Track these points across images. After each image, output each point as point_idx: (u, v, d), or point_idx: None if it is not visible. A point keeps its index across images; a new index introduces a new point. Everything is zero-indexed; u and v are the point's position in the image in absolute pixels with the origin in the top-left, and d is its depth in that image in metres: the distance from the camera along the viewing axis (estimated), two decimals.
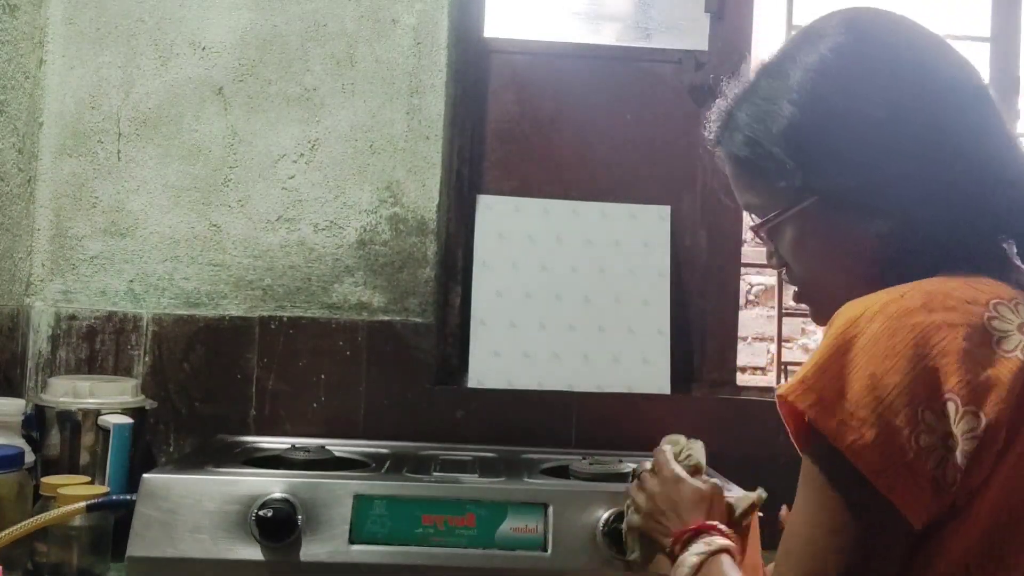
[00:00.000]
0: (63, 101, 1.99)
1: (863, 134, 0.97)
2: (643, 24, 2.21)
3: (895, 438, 0.81)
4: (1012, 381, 0.82)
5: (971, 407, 0.82)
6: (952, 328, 0.84)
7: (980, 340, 0.84)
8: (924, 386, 0.82)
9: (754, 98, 1.06)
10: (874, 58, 1.00)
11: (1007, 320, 0.86)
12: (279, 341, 1.97)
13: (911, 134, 0.96)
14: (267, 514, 1.39)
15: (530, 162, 2.18)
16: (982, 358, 0.83)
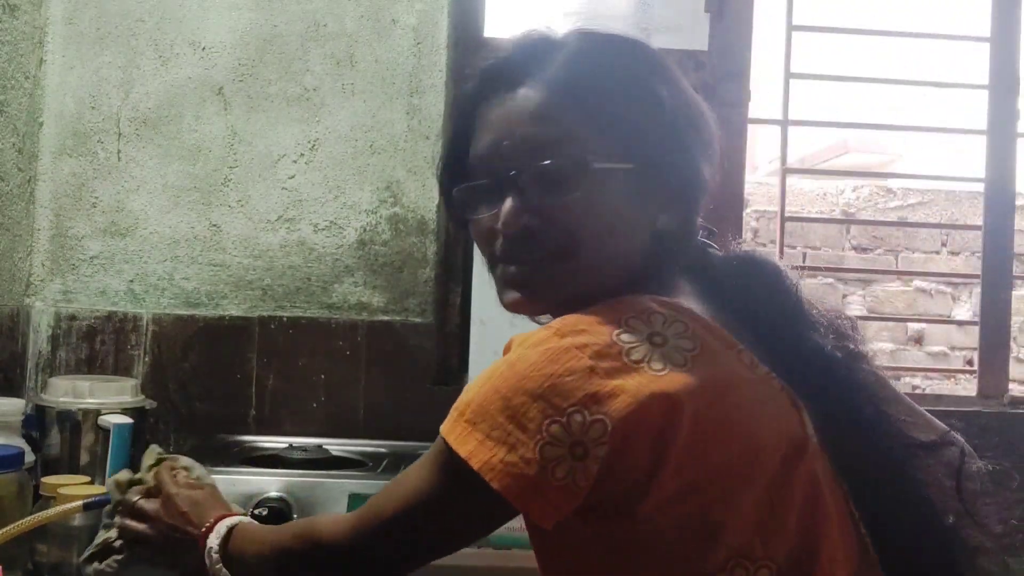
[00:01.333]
0: (63, 101, 2.00)
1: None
2: (643, 24, 2.21)
3: (523, 453, 0.86)
4: (637, 387, 0.85)
5: (598, 416, 0.84)
6: (580, 348, 0.87)
7: (608, 355, 0.87)
8: (549, 403, 0.86)
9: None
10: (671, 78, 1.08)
11: (638, 331, 0.89)
12: (279, 341, 1.98)
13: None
14: (262, 513, 1.39)
15: None
16: (610, 371, 0.86)
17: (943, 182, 4.22)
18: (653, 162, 1.00)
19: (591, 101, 1.01)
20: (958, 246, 4.09)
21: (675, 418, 0.85)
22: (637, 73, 1.05)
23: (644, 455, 0.86)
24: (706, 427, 0.86)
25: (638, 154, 1.00)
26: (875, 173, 4.96)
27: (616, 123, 1.01)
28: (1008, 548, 1.92)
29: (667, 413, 0.85)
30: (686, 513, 0.88)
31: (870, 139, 5.24)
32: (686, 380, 0.86)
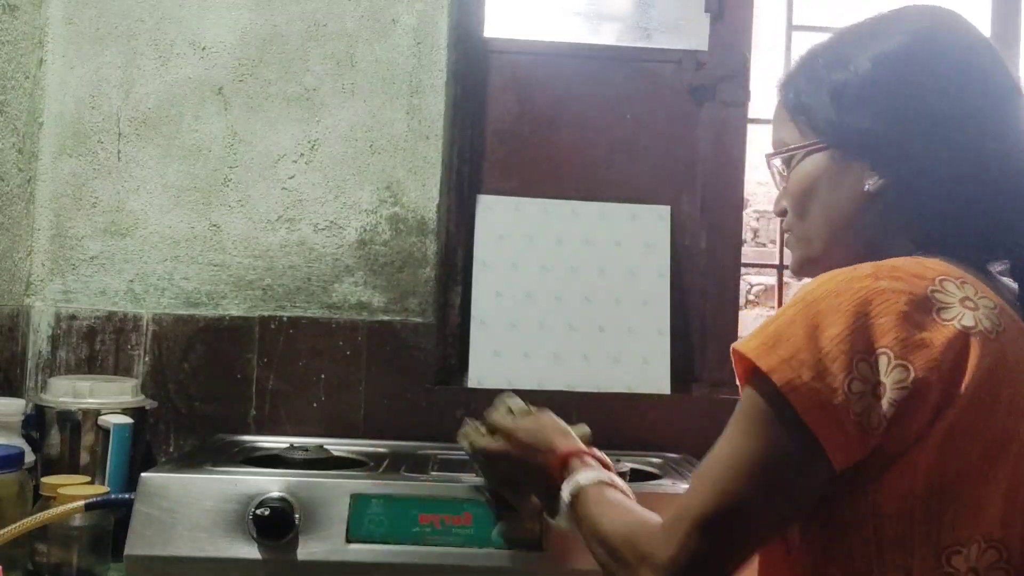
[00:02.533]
0: (63, 101, 2.00)
1: (898, 111, 1.05)
2: (643, 24, 2.21)
3: (829, 382, 0.88)
4: (945, 345, 0.89)
5: (902, 361, 0.88)
6: (895, 293, 0.91)
7: (920, 307, 0.91)
8: (861, 340, 0.89)
9: (830, 54, 1.13)
10: (937, 57, 1.07)
11: (951, 294, 0.92)
12: (279, 341, 1.98)
13: (942, 124, 1.03)
14: (264, 513, 1.39)
15: (530, 162, 2.17)
16: (920, 322, 0.90)
17: None
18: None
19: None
20: None
21: (964, 369, 0.89)
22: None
23: (931, 406, 0.89)
24: (987, 393, 0.89)
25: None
26: None
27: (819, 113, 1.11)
28: None
29: (962, 362, 0.89)
30: (941, 473, 0.90)
31: None
32: (989, 343, 0.90)
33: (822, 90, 1.10)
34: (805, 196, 1.13)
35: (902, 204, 1.06)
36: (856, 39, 1.12)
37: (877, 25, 1.13)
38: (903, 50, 1.07)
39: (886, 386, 0.88)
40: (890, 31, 1.10)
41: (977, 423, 0.90)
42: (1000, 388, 0.91)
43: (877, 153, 1.06)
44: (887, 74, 1.06)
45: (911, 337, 0.89)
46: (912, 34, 1.09)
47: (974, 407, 0.89)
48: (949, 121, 1.03)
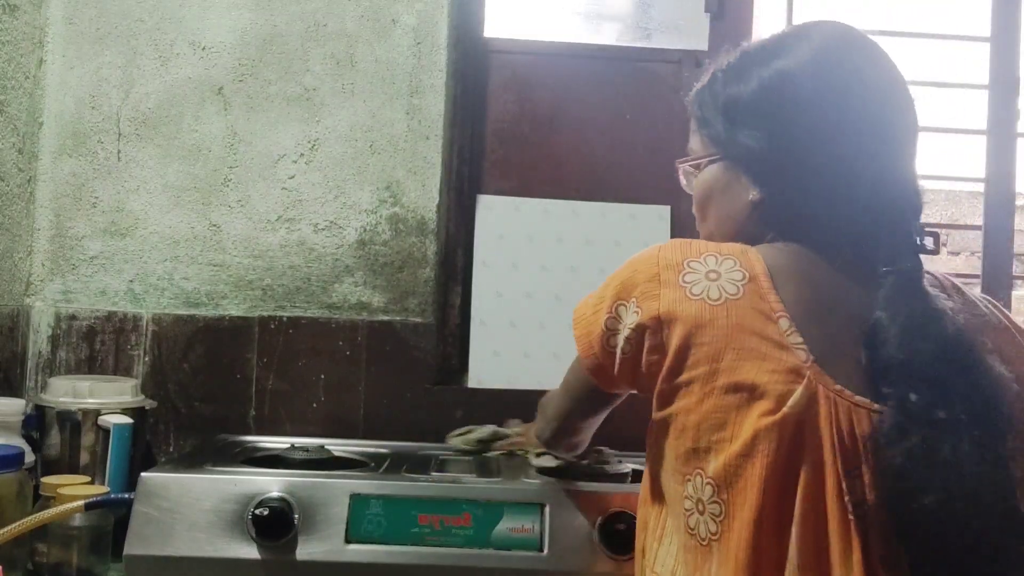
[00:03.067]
0: (63, 101, 2.00)
1: (777, 130, 1.14)
2: (643, 24, 2.21)
3: (596, 315, 1.15)
4: (670, 301, 1.07)
5: (636, 308, 1.09)
6: (659, 260, 1.11)
7: (671, 270, 1.09)
8: (624, 289, 1.12)
9: (729, 70, 1.21)
10: (822, 78, 1.13)
11: (704, 266, 1.08)
12: (279, 341, 1.98)
13: (819, 143, 1.12)
14: (263, 513, 1.39)
15: (530, 162, 2.17)
16: (665, 281, 1.09)
17: (943, 182, 4.22)
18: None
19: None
20: (958, 246, 4.09)
21: (671, 334, 1.06)
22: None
23: (652, 356, 1.08)
24: (692, 352, 1.05)
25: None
26: None
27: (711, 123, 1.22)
28: None
29: (666, 329, 1.07)
30: (672, 416, 1.08)
31: None
32: (701, 309, 1.05)
33: (718, 105, 1.20)
34: (704, 202, 1.25)
35: (780, 214, 1.15)
36: (752, 57, 1.19)
37: (775, 43, 1.19)
38: (789, 71, 1.14)
39: (625, 324, 1.10)
40: (783, 51, 1.16)
41: (682, 366, 1.06)
42: (702, 332, 1.05)
43: (758, 168, 1.16)
44: (771, 94, 1.14)
45: (650, 292, 1.08)
46: (801, 55, 1.14)
47: (680, 353, 1.05)
48: (826, 142, 1.11)
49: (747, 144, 1.15)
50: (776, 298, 1.05)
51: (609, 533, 1.42)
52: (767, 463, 1.00)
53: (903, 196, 1.12)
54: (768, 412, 1.01)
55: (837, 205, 1.11)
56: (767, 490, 1.00)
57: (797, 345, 1.02)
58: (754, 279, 1.07)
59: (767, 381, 1.01)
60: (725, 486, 1.03)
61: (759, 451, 1.00)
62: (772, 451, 1.00)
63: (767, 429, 1.00)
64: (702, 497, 1.05)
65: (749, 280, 1.07)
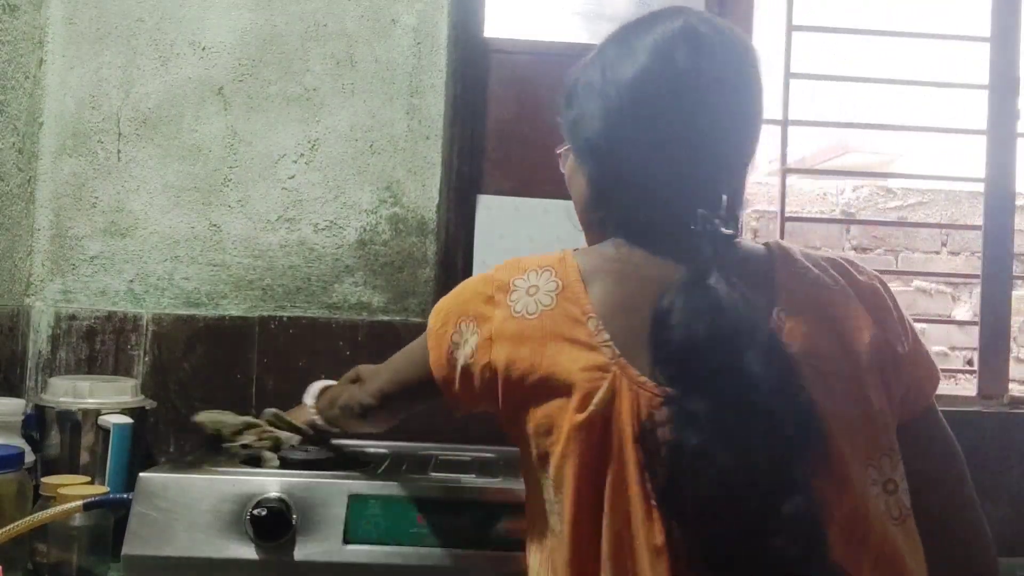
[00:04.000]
0: (63, 101, 2.00)
1: (602, 113, 1.18)
2: None
3: (445, 330, 1.21)
4: (500, 319, 1.14)
5: (476, 328, 1.16)
6: (492, 281, 1.18)
7: (500, 290, 1.16)
8: (468, 309, 1.18)
9: (579, 64, 1.29)
10: (632, 53, 1.17)
11: (525, 282, 1.15)
12: (279, 341, 1.98)
13: (632, 136, 1.16)
14: (261, 513, 1.39)
15: (530, 162, 2.17)
16: (496, 301, 1.15)
17: (943, 182, 4.22)
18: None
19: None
20: (958, 246, 4.09)
21: (499, 353, 1.13)
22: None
23: (486, 374, 1.14)
24: (517, 365, 1.11)
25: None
26: (875, 173, 4.97)
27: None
28: (1009, 550, 1.92)
29: (495, 348, 1.13)
30: (512, 425, 1.15)
31: (870, 139, 5.24)
32: (520, 326, 1.12)
33: (569, 95, 1.27)
34: (568, 189, 1.33)
35: (606, 206, 1.23)
36: (599, 49, 1.24)
37: (618, 34, 1.23)
38: (616, 63, 1.18)
39: (468, 342, 1.16)
40: (619, 41, 1.20)
41: (510, 380, 1.12)
42: (523, 347, 1.11)
43: (587, 159, 1.23)
44: (594, 88, 1.20)
45: (485, 313, 1.15)
46: (635, 53, 1.17)
47: (508, 369, 1.11)
48: (642, 141, 1.15)
49: (583, 137, 1.21)
50: (587, 300, 1.11)
51: None
52: (578, 462, 1.06)
53: (715, 191, 1.15)
54: (578, 410, 1.06)
55: (650, 201, 1.16)
56: (580, 488, 1.06)
57: (604, 343, 1.08)
58: (567, 287, 1.13)
59: (578, 381, 1.07)
60: (558, 486, 1.08)
61: (571, 450, 1.06)
62: (583, 450, 1.05)
63: (577, 428, 1.06)
64: (551, 497, 1.10)
65: (562, 289, 1.13)
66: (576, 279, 1.13)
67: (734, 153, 1.18)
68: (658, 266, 1.13)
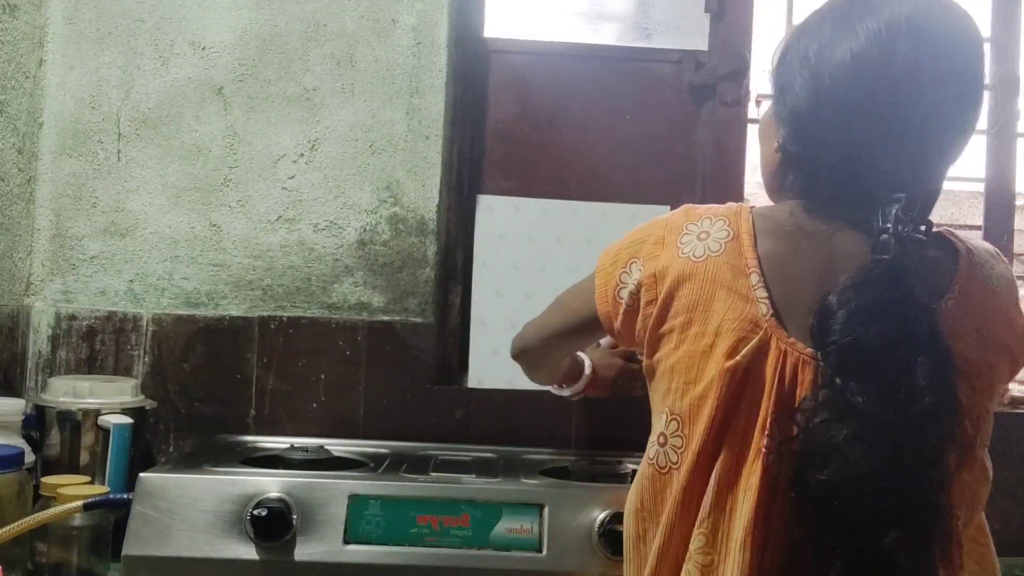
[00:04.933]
0: (63, 101, 2.00)
1: (810, 89, 1.17)
2: (643, 24, 2.21)
3: (612, 269, 1.26)
4: (667, 259, 1.18)
5: (641, 265, 1.21)
6: (665, 224, 1.23)
7: (672, 232, 1.20)
8: (638, 250, 1.23)
9: (796, 29, 1.25)
10: (852, 35, 1.14)
11: (698, 227, 1.19)
12: (279, 341, 1.98)
13: (830, 110, 1.15)
14: (262, 514, 1.39)
15: (530, 162, 2.17)
16: (667, 242, 1.20)
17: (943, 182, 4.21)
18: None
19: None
20: None
21: (661, 288, 1.17)
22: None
23: (648, 310, 1.19)
24: (675, 303, 1.16)
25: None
26: None
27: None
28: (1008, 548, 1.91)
29: (659, 284, 1.18)
30: (657, 362, 1.19)
31: None
32: (685, 265, 1.16)
33: (777, 62, 1.25)
34: (759, 141, 1.34)
35: (794, 168, 1.21)
36: (819, 20, 1.20)
37: (841, 7, 1.19)
38: (833, 43, 1.15)
39: (632, 279, 1.21)
40: (840, 19, 1.16)
41: (666, 316, 1.17)
42: (684, 287, 1.15)
43: (786, 125, 1.21)
44: (808, 63, 1.17)
45: (654, 253, 1.20)
46: (851, 28, 1.14)
47: (665, 304, 1.17)
48: (855, 119, 1.13)
49: (787, 104, 1.20)
50: (753, 254, 1.14)
51: (608, 534, 1.43)
52: (716, 405, 1.11)
53: (912, 188, 1.12)
54: (727, 356, 1.11)
55: (839, 179, 1.15)
56: (711, 427, 1.12)
57: (762, 299, 1.12)
58: (737, 237, 1.16)
59: (729, 330, 1.11)
60: (688, 421, 1.14)
61: (712, 392, 1.11)
62: (723, 394, 1.11)
63: (722, 373, 1.10)
64: (666, 431, 1.17)
65: (732, 238, 1.16)
66: (748, 232, 1.16)
67: (937, 154, 1.16)
68: (829, 239, 1.14)
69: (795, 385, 1.09)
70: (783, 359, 1.09)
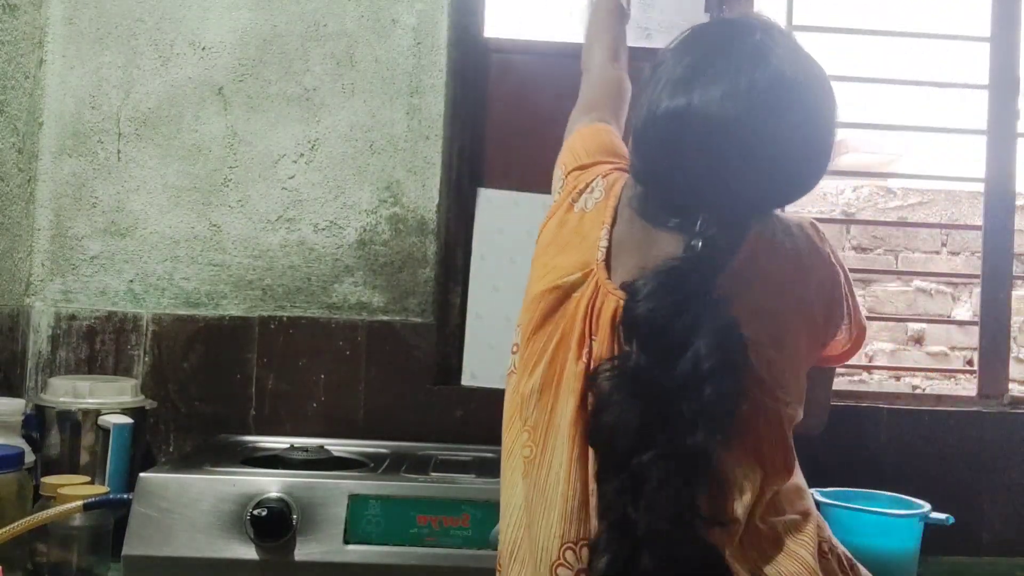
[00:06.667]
0: (63, 101, 2.00)
1: (645, 111, 1.23)
2: (643, 24, 2.21)
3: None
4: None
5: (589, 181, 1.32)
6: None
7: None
8: (600, 173, 1.33)
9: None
10: (691, 90, 1.18)
11: (594, 174, 1.31)
12: (279, 341, 1.98)
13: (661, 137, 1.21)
14: (262, 513, 1.39)
15: (530, 162, 2.17)
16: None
17: (943, 182, 4.22)
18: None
19: None
20: (958, 246, 4.09)
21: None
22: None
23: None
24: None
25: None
26: (875, 173, 4.96)
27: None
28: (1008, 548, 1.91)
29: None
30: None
31: (870, 139, 5.24)
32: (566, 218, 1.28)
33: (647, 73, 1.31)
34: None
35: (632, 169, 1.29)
36: (679, 52, 1.25)
37: (694, 46, 1.25)
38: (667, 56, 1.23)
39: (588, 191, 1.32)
40: (694, 57, 1.21)
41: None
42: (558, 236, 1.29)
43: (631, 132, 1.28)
44: (653, 82, 1.23)
45: (602, 186, 1.30)
46: (693, 74, 1.20)
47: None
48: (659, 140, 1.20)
49: (636, 109, 1.26)
50: (611, 214, 1.24)
51: None
52: (534, 322, 1.22)
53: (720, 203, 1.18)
54: (552, 287, 1.21)
55: (667, 191, 1.22)
56: (531, 340, 1.22)
57: (602, 247, 1.21)
58: (608, 198, 1.27)
59: (565, 265, 1.22)
60: (522, 337, 1.25)
61: (537, 310, 1.22)
62: (542, 312, 1.21)
63: (543, 293, 1.21)
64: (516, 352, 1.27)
65: (605, 197, 1.27)
66: (616, 195, 1.26)
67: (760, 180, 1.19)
68: (652, 233, 1.21)
69: (600, 316, 1.17)
70: (596, 293, 1.18)
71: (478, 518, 1.44)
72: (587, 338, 1.17)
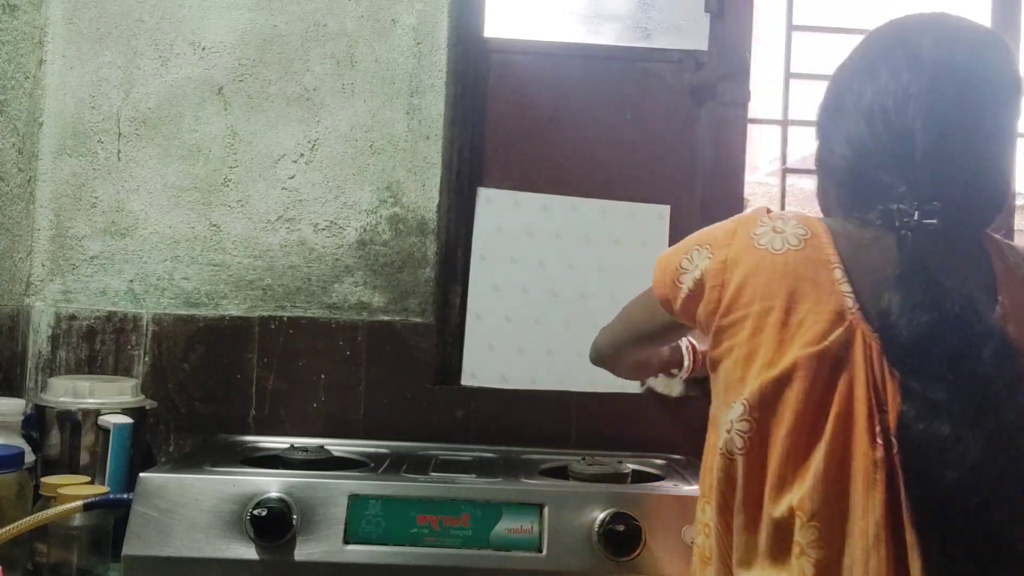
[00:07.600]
0: (63, 101, 2.00)
1: (827, 104, 1.31)
2: (643, 24, 2.21)
3: (672, 256, 1.29)
4: (738, 247, 1.21)
5: (710, 253, 1.23)
6: (740, 219, 1.25)
7: (745, 226, 1.23)
8: (698, 242, 1.26)
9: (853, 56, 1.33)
10: (858, 60, 1.28)
11: (774, 225, 1.21)
12: (279, 341, 1.98)
13: (845, 117, 1.25)
14: (262, 513, 1.39)
15: (530, 162, 2.17)
16: (737, 234, 1.22)
17: None
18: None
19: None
20: None
21: (732, 275, 1.19)
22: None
23: (712, 294, 1.21)
24: (749, 291, 1.17)
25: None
26: None
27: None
28: None
29: (729, 271, 1.20)
30: (726, 351, 1.19)
31: None
32: (763, 256, 1.18)
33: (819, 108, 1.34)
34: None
35: (825, 176, 1.32)
36: (860, 66, 1.28)
37: (868, 55, 1.28)
38: (854, 52, 1.29)
39: (696, 266, 1.24)
40: (867, 66, 1.26)
41: (738, 303, 1.18)
42: (760, 276, 1.17)
43: (819, 135, 1.32)
44: (836, 74, 1.30)
45: (724, 242, 1.22)
46: (866, 39, 1.28)
47: (738, 291, 1.18)
48: (851, 115, 1.23)
49: (818, 114, 1.31)
50: (834, 252, 1.17)
51: (608, 534, 1.43)
52: (803, 388, 1.11)
53: (984, 192, 1.22)
54: (810, 344, 1.12)
55: (867, 189, 1.21)
56: (801, 411, 1.11)
57: (847, 293, 1.13)
58: (815, 236, 1.19)
59: (814, 320, 1.13)
60: (758, 406, 1.14)
61: (798, 377, 1.11)
62: (810, 377, 1.11)
63: (808, 358, 1.11)
64: (733, 418, 1.16)
65: (811, 236, 1.19)
66: (824, 231, 1.20)
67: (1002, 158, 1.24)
68: (875, 244, 1.18)
69: (884, 378, 1.10)
70: (870, 350, 1.11)
71: (478, 518, 1.44)
72: (877, 411, 1.11)
